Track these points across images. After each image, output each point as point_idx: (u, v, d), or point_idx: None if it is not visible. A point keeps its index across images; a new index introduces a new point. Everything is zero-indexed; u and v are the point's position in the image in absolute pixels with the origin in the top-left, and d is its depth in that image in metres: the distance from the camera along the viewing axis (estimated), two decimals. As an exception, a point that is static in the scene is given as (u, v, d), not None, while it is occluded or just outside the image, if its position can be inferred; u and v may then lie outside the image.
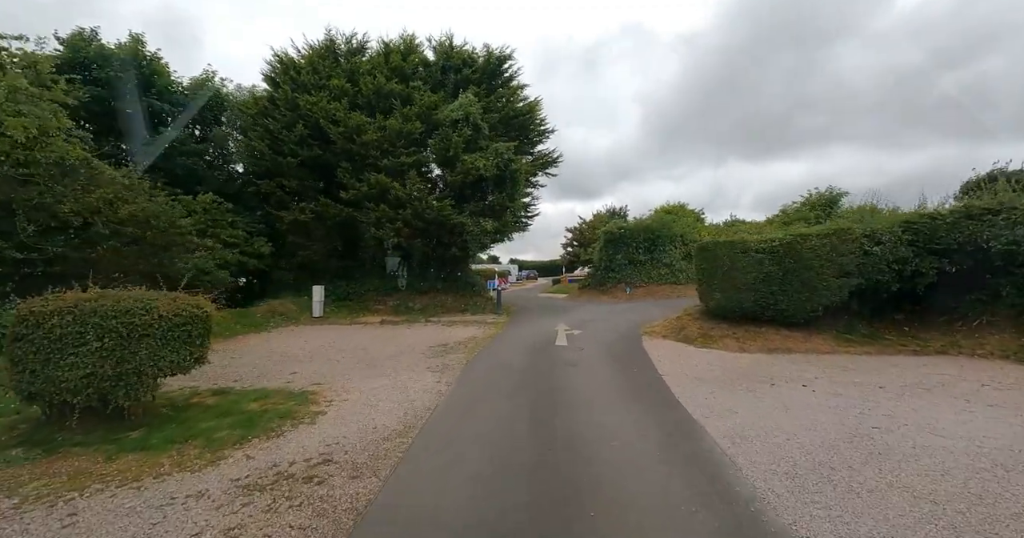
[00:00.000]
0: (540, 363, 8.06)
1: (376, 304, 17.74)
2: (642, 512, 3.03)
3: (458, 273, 18.75)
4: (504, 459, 3.85)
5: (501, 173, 16.36)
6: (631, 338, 10.85)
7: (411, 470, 3.69)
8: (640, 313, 15.28)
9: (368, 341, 10.87)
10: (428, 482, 3.48)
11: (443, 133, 15.98)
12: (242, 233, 14.71)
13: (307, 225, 16.01)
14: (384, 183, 15.13)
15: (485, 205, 17.07)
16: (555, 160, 20.42)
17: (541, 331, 12.20)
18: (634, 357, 8.70)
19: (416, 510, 3.09)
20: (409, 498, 3.25)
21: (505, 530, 2.85)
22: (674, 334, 10.90)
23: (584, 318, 14.64)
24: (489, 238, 16.43)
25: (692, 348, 9.62)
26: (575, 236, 51.01)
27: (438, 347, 10.01)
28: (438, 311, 17.48)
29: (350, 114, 15.12)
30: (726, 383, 6.51)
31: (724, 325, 10.68)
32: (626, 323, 13.16)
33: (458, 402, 5.55)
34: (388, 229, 15.36)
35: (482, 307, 17.96)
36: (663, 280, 21.60)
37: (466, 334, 12.05)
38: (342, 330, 12.78)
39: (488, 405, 5.36)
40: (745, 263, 10.20)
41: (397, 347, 9.97)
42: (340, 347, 9.88)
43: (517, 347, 9.86)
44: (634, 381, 6.71)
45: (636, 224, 22.72)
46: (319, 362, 8.19)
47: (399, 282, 18.99)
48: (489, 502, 3.16)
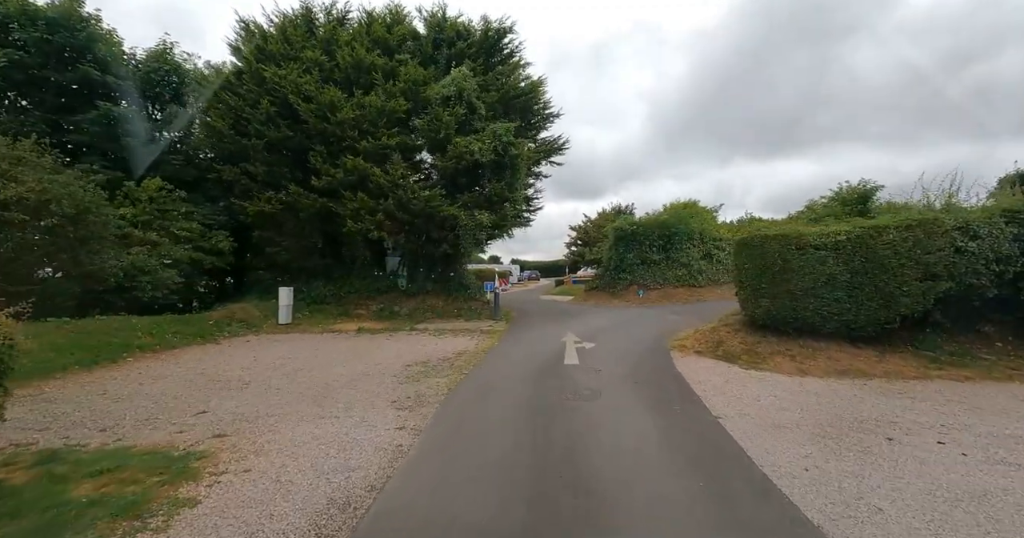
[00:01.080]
0: (546, 395, 6.10)
1: (358, 308, 15.79)
2: None
3: (451, 273, 16.80)
4: None
5: (499, 159, 14.40)
6: (658, 354, 8.88)
7: None
8: (660, 321, 13.31)
9: (332, 357, 8.92)
10: None
11: (432, 112, 14.03)
12: (198, 226, 12.78)
13: (276, 217, 14.07)
14: (362, 168, 13.18)
15: (481, 196, 15.10)
16: (561, 147, 18.45)
17: (545, 343, 10.24)
18: (669, 384, 6.73)
19: None
20: None
21: None
22: (710, 350, 8.93)
23: (595, 326, 12.67)
24: (485, 233, 14.49)
25: (738, 370, 7.65)
26: (580, 235, 49.07)
27: (417, 366, 8.05)
28: (427, 316, 15.52)
29: (323, 88, 13.16)
30: (818, 435, 4.54)
31: (772, 338, 8.71)
32: (646, 333, 11.19)
33: (420, 479, 3.58)
34: (367, 222, 13.41)
35: (478, 312, 16.00)
36: (680, 282, 19.62)
37: (455, 346, 10.10)
38: (308, 341, 10.83)
39: (466, 490, 3.39)
40: (802, 262, 8.23)
41: (365, 366, 8.02)
42: (294, 367, 7.93)
43: (516, 367, 7.90)
44: (683, 431, 4.74)
45: (649, 220, 20.74)
46: (252, 392, 6.23)
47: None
48: None
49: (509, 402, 5.76)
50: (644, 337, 10.70)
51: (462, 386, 6.61)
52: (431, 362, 8.42)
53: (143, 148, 12.75)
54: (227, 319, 11.76)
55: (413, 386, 6.61)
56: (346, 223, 13.48)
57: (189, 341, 9.80)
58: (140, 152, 12.50)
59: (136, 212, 11.24)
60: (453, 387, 6.57)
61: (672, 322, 12.71)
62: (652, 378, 7.07)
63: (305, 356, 8.96)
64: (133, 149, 12.60)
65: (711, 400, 5.84)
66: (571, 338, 10.82)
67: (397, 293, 16.23)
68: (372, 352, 9.50)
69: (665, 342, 9.96)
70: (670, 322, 12.74)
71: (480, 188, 15.19)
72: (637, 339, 10.47)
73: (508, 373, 7.46)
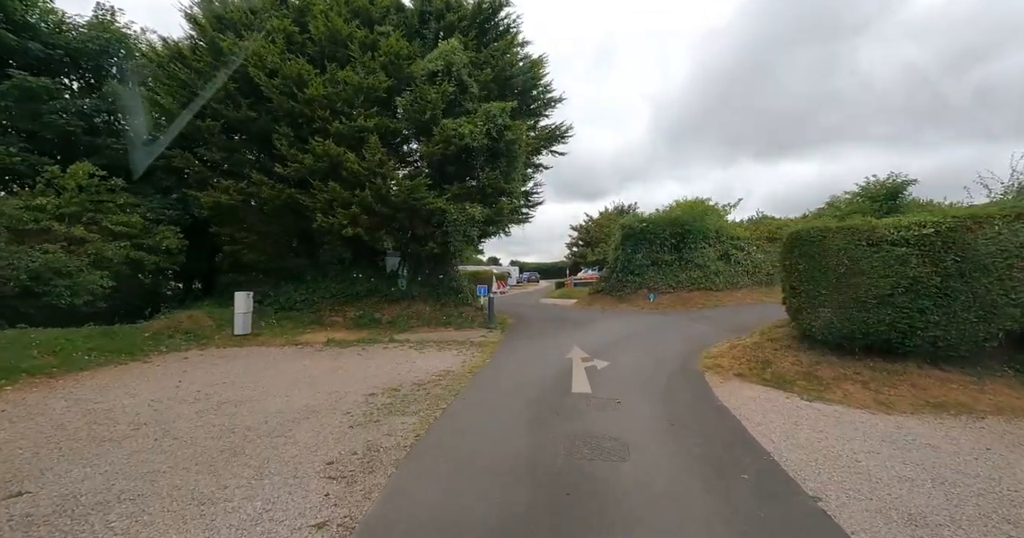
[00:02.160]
0: (550, 448, 4.38)
1: (333, 314, 14.04)
2: None
3: (439, 276, 15.06)
4: None
5: (493, 144, 12.68)
6: (690, 378, 7.14)
7: None
8: (680, 331, 11.58)
9: (280, 382, 7.17)
10: None
11: (417, 90, 12.30)
12: (140, 220, 11.01)
13: (236, 210, 12.31)
14: (334, 153, 11.44)
15: (473, 187, 13.39)
16: (564, 134, 16.72)
17: (547, 360, 8.50)
18: (719, 429, 4.99)
19: None
20: None
21: None
22: (755, 372, 7.20)
23: (605, 337, 10.93)
24: (478, 230, 12.77)
25: (800, 403, 5.92)
26: (581, 235, 47.43)
27: (384, 396, 6.31)
28: (412, 324, 13.78)
29: (288, 58, 11.42)
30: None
31: (832, 358, 7.00)
32: (669, 348, 9.45)
33: None
34: (340, 216, 11.67)
35: (470, 319, 14.26)
36: (695, 285, 17.90)
37: (438, 365, 8.36)
38: (260, 358, 9.07)
39: None
40: (876, 263, 6.52)
41: (316, 397, 6.27)
42: (220, 399, 6.18)
43: (510, 397, 6.16)
44: (764, 527, 3.00)
45: (660, 217, 19.03)
46: (132, 447, 4.48)
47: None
48: None
49: (500, 464, 4.02)
50: (667, 353, 8.96)
51: (434, 432, 4.86)
52: (403, 389, 6.67)
53: (75, 129, 11.01)
54: (169, 330, 10.00)
55: (367, 432, 4.86)
56: (316, 217, 11.72)
57: (108, 360, 8.03)
58: (71, 134, 10.76)
59: (60, 203, 9.52)
60: (422, 433, 4.82)
61: (696, 333, 10.98)
62: (693, 417, 5.32)
63: (246, 381, 7.20)
64: (59, 129, 10.82)
65: (788, 459, 4.10)
66: (577, 353, 9.09)
67: (379, 298, 14.48)
68: (332, 374, 7.75)
69: (695, 360, 8.22)
70: (693, 333, 11.01)
71: (472, 178, 13.47)
72: (659, 355, 8.73)
73: (499, 407, 5.72)
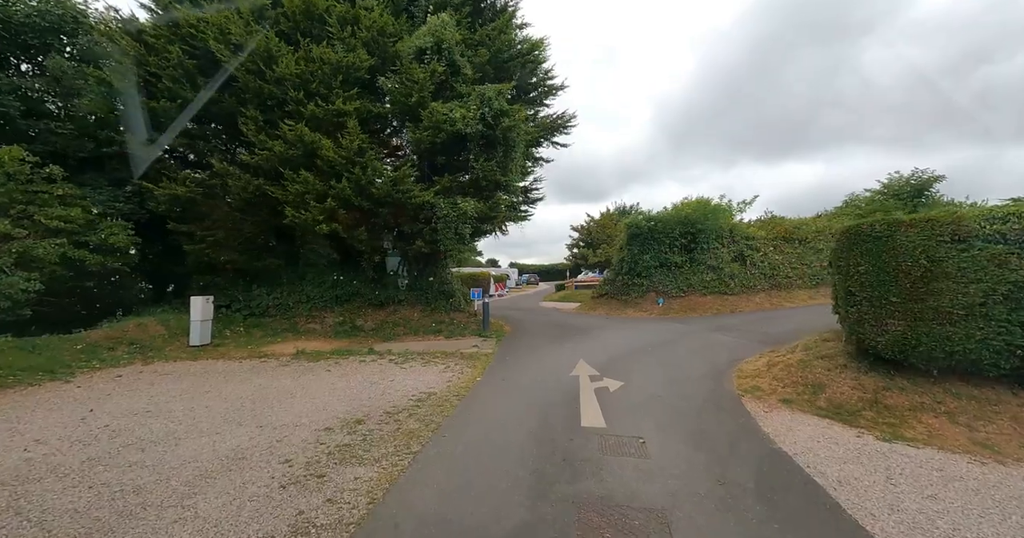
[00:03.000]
0: (555, 522, 3.05)
1: (311, 321, 12.71)
2: None
3: (429, 278, 13.72)
4: None
5: (488, 131, 11.38)
6: (725, 406, 5.82)
7: None
8: (700, 341, 10.25)
9: (217, 411, 5.83)
10: None
11: (403, 69, 11.00)
12: (82, 214, 9.66)
13: (197, 204, 10.97)
14: (308, 140, 10.13)
15: (466, 180, 12.07)
16: (566, 124, 15.42)
17: (549, 379, 7.18)
18: (786, 490, 3.67)
19: None
20: None
21: None
22: (804, 397, 5.88)
23: (614, 348, 9.60)
24: (471, 227, 11.45)
25: (878, 444, 4.61)
26: (582, 236, 46.13)
27: (342, 432, 4.99)
28: (398, 332, 12.45)
29: (253, 30, 10.10)
30: None
31: (902, 381, 5.69)
32: (692, 363, 8.11)
33: None
34: (314, 210, 10.33)
35: (462, 326, 12.94)
36: (708, 289, 16.58)
37: (420, 385, 7.04)
38: (208, 377, 7.73)
39: None
40: (963, 264, 5.22)
41: (252, 437, 4.93)
42: (128, 439, 4.85)
43: (502, 437, 4.84)
44: None
45: (669, 215, 17.72)
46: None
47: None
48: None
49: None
50: (691, 370, 7.63)
51: (394, 497, 3.53)
52: (369, 421, 5.34)
53: (9, 109, 9.67)
54: (110, 342, 8.66)
55: (302, 496, 3.52)
56: (286, 212, 10.39)
57: (17, 380, 6.67)
58: (2, 115, 9.42)
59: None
60: (379, 497, 3.49)
61: (719, 345, 9.65)
62: (747, 470, 3.99)
63: (176, 409, 5.85)
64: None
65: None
66: (585, 370, 7.76)
67: (361, 303, 13.15)
68: (290, 398, 6.41)
69: (727, 380, 6.90)
70: (716, 345, 9.68)
71: (464, 170, 12.15)
72: (682, 373, 7.40)
73: (488, 452, 4.39)
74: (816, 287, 16.74)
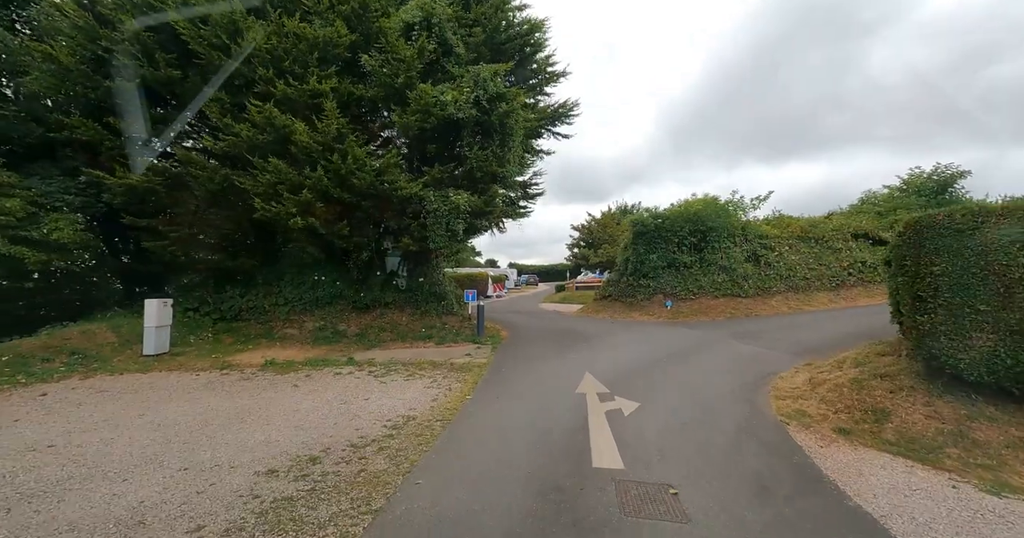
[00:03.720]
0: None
1: (289, 326, 11.62)
2: None
3: (419, 279, 12.63)
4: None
5: (483, 117, 10.32)
6: (769, 437, 4.74)
7: None
8: (720, 351, 9.17)
9: (134, 448, 4.76)
10: None
11: (389, 46, 9.93)
12: (20, 205, 8.56)
13: (156, 196, 9.87)
14: (280, 123, 9.05)
15: (458, 170, 10.99)
16: (568, 112, 14.35)
17: (551, 398, 6.11)
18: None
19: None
20: None
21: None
22: (864, 426, 4.82)
23: (625, 360, 8.52)
24: (463, 222, 10.36)
25: (985, 499, 3.54)
26: (583, 235, 45.08)
27: (287, 477, 3.93)
28: (384, 338, 11.38)
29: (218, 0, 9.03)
30: None
31: (989, 407, 4.63)
32: (717, 378, 7.02)
33: None
34: (288, 203, 9.24)
35: (455, 331, 11.87)
36: (719, 291, 15.52)
37: (399, 405, 5.98)
38: (148, 396, 6.64)
39: None
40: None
41: (167, 485, 3.87)
42: (4, 492, 3.74)
43: (492, 486, 3.78)
44: None
45: (677, 211, 16.66)
46: None
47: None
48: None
49: None
50: (717, 387, 6.55)
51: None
52: (327, 459, 4.26)
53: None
54: (46, 352, 7.57)
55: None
56: (255, 204, 9.29)
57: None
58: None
59: None
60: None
61: (744, 356, 8.58)
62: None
63: (89, 442, 4.77)
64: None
65: None
66: (591, 386, 6.69)
67: (345, 305, 12.06)
68: (238, 424, 5.32)
69: (763, 401, 5.82)
70: (741, 355, 8.60)
71: (457, 160, 11.07)
72: (708, 392, 6.32)
73: (474, 512, 3.31)
74: (836, 289, 15.69)
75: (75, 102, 9.69)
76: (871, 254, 16.27)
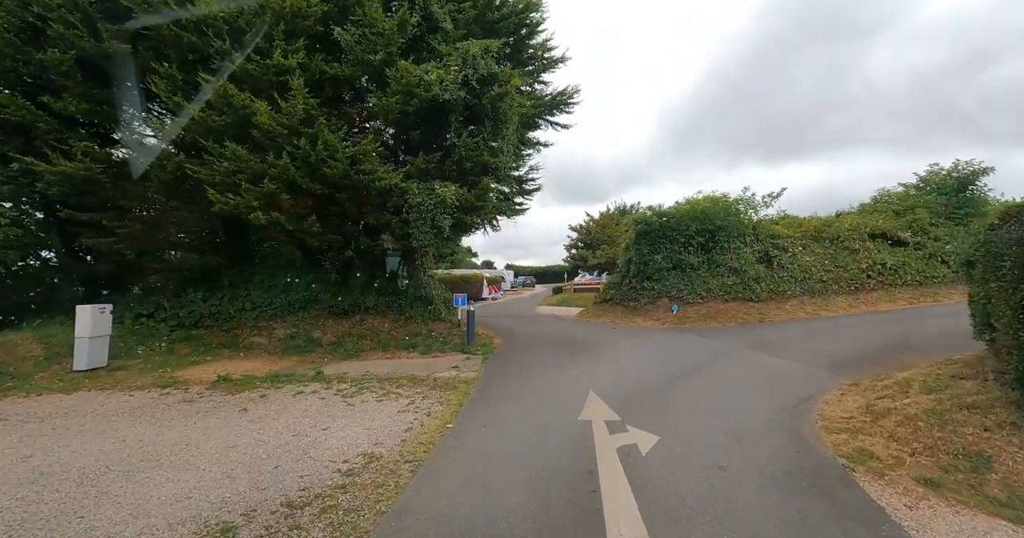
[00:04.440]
0: None
1: (256, 333, 10.45)
2: None
3: (405, 281, 11.46)
4: None
5: (474, 100, 9.22)
6: (839, 495, 3.63)
7: None
8: (743, 364, 8.06)
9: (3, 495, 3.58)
10: None
11: (367, 18, 8.81)
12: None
13: (98, 185, 8.68)
14: (238, 102, 7.89)
15: (446, 162, 9.87)
16: (568, 99, 13.27)
17: (551, 427, 5.00)
18: None
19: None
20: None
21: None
22: (958, 477, 3.72)
23: (634, 375, 7.41)
24: (450, 218, 9.22)
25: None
26: (582, 236, 43.99)
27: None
28: (362, 347, 10.24)
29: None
30: None
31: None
32: (747, 402, 5.91)
33: None
34: (249, 195, 8.08)
35: (442, 339, 10.75)
36: (730, 294, 14.47)
37: (365, 436, 4.86)
38: (57, 426, 5.51)
39: None
40: None
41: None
42: None
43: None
44: None
45: (683, 209, 15.61)
46: None
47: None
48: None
49: None
50: (750, 414, 5.44)
51: None
52: (244, 532, 3.11)
53: None
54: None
55: None
56: (211, 196, 8.12)
57: None
58: None
59: None
60: None
61: (773, 371, 7.47)
62: None
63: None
64: None
65: None
66: (599, 411, 5.59)
67: (321, 310, 10.90)
68: (150, 468, 4.18)
69: (812, 435, 4.71)
70: (768, 371, 7.49)
71: (444, 149, 9.95)
72: (741, 421, 5.20)
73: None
74: (855, 293, 14.66)
75: (4, 77, 8.49)
76: (891, 255, 15.26)
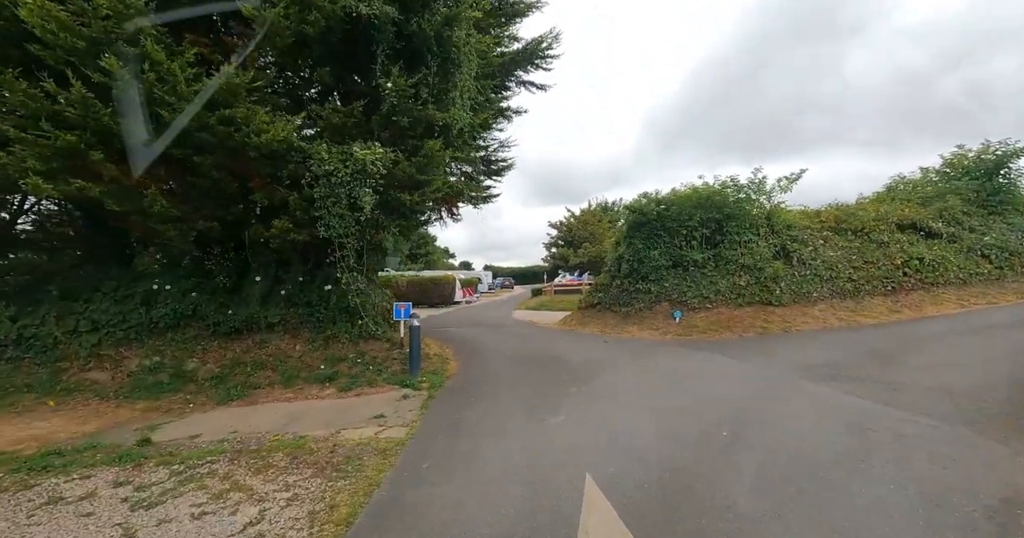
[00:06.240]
0: None
1: (95, 367, 7.33)
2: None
3: (324, 286, 8.38)
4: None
5: (407, 22, 6.30)
6: None
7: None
8: (801, 406, 5.30)
9: None
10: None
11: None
12: None
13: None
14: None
15: (370, 117, 6.89)
16: (545, 51, 10.44)
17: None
18: None
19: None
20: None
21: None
22: None
23: (649, 438, 4.58)
24: (373, 195, 6.27)
25: None
26: (562, 234, 41.41)
27: None
28: (256, 382, 7.21)
29: None
30: None
31: None
32: (883, 518, 3.12)
33: None
34: (27, 150, 4.95)
35: (376, 365, 7.85)
36: (743, 298, 11.96)
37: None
38: None
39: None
40: None
41: None
42: None
43: None
44: None
45: (685, 196, 13.05)
46: None
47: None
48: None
49: None
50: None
51: None
52: None
53: None
54: None
55: None
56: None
57: None
58: None
59: None
60: None
61: (866, 419, 4.74)
62: None
63: None
64: None
65: None
66: (602, 531, 2.72)
67: (202, 329, 7.78)
68: None
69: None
70: (860, 420, 4.74)
71: (368, 97, 6.98)
72: None
73: None
74: (892, 294, 12.32)
75: None
76: (927, 249, 13.04)
